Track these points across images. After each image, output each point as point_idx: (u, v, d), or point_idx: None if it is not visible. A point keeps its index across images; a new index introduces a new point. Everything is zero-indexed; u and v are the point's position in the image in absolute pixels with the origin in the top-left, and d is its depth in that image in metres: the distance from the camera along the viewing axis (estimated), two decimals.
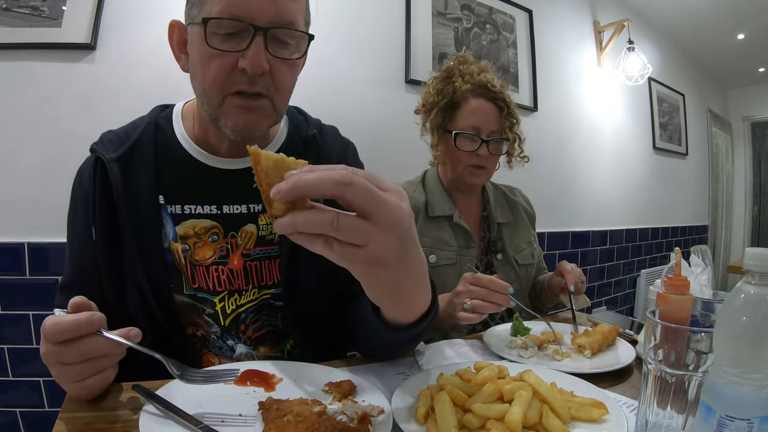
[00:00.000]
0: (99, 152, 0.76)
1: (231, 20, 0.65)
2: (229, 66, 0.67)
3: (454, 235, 1.27)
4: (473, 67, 1.26)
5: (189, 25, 0.72)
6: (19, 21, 1.39)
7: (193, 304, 0.79)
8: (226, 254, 0.80)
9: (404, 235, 0.46)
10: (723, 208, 5.03)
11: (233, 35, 0.67)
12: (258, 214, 0.81)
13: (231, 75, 0.68)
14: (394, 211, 0.44)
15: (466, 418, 0.55)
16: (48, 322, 0.52)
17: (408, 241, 0.47)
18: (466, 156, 1.23)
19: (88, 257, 0.76)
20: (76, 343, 0.52)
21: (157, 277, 0.76)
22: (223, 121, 0.71)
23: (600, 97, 3.18)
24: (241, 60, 0.67)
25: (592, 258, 3.14)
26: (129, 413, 0.57)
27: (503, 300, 0.90)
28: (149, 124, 0.81)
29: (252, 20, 0.65)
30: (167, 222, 0.78)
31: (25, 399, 1.41)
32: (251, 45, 0.66)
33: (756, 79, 4.79)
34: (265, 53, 0.67)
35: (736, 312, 0.42)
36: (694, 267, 0.99)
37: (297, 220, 0.42)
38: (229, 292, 0.80)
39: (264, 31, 0.66)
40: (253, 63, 0.66)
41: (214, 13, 0.65)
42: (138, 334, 0.57)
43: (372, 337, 0.71)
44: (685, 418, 0.47)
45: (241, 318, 0.81)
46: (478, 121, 1.22)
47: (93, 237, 0.75)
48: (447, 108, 1.26)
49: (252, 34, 0.66)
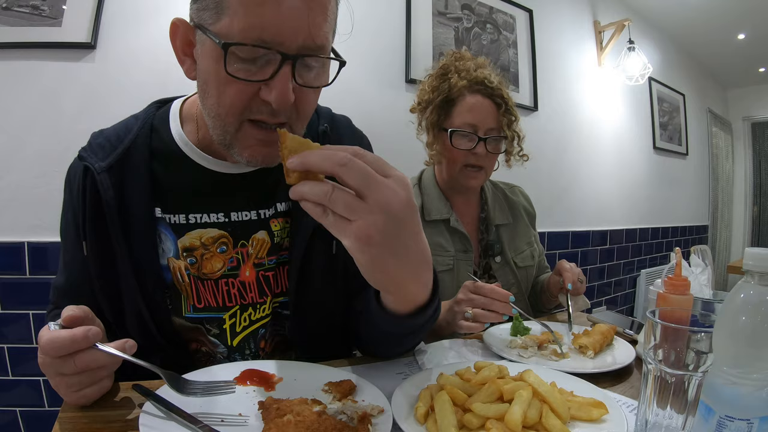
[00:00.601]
0: (87, 161, 0.70)
1: (256, 47, 0.57)
2: (250, 93, 0.60)
3: (451, 239, 1.23)
4: (470, 63, 1.22)
5: (197, 30, 0.62)
6: (19, 20, 1.39)
7: (194, 326, 0.75)
8: (236, 265, 0.74)
9: (395, 218, 0.48)
10: (723, 208, 5.03)
11: (257, 58, 0.58)
12: (269, 219, 0.76)
13: (251, 103, 0.61)
14: (386, 194, 0.47)
15: (466, 418, 0.55)
16: (43, 338, 0.52)
17: (400, 227, 0.49)
18: (463, 155, 1.19)
19: (81, 270, 0.72)
20: (72, 357, 0.52)
21: (153, 297, 0.71)
22: (237, 150, 0.65)
23: (600, 97, 3.18)
24: (264, 90, 0.59)
25: (592, 258, 3.14)
26: (129, 413, 0.57)
27: (505, 309, 0.89)
28: (143, 126, 0.74)
29: (280, 46, 0.57)
30: (167, 236, 0.72)
31: (25, 398, 1.41)
32: (277, 75, 0.58)
33: (756, 79, 4.79)
34: (292, 82, 0.59)
35: (736, 312, 0.42)
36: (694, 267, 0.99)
37: (302, 188, 0.48)
38: (241, 307, 0.75)
39: (293, 59, 0.58)
40: (279, 97, 0.59)
41: (235, 31, 0.56)
42: (133, 346, 0.57)
43: (372, 329, 0.70)
44: (685, 418, 0.47)
45: (261, 334, 0.78)
46: (475, 119, 1.18)
47: (84, 252, 0.70)
48: (443, 105, 1.22)
49: (279, 62, 0.58)
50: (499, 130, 1.21)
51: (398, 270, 0.52)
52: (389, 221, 0.47)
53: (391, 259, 0.50)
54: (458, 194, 1.29)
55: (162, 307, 0.72)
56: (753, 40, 3.88)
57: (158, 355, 0.71)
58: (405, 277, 0.54)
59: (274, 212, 0.77)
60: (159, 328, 0.72)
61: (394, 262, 0.51)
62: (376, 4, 2.08)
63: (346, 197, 0.47)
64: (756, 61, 4.38)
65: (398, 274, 0.53)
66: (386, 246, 0.48)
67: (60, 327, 0.53)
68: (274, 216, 0.77)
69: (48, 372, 0.54)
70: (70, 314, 0.55)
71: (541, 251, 1.43)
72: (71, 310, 0.55)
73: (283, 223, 0.78)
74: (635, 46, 3.04)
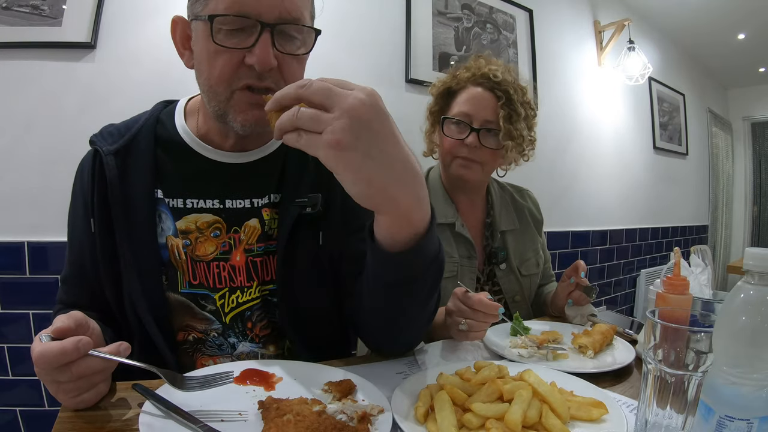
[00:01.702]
0: (97, 144, 0.76)
1: (238, 17, 0.65)
2: (236, 62, 0.67)
3: (455, 245, 1.18)
4: (482, 61, 1.21)
5: (193, 21, 0.71)
6: (19, 20, 1.39)
7: (188, 304, 0.78)
8: (228, 250, 0.79)
9: (360, 121, 0.49)
10: (723, 208, 5.03)
11: (239, 31, 0.66)
12: (261, 208, 0.80)
13: (238, 70, 0.68)
14: (349, 101, 0.49)
15: (466, 418, 0.55)
16: (35, 351, 0.52)
17: (369, 129, 0.50)
18: (454, 145, 1.16)
19: (87, 252, 0.76)
20: (68, 366, 0.52)
21: (148, 274, 0.74)
22: (231, 116, 0.71)
23: (600, 97, 3.18)
24: (248, 56, 0.67)
25: (592, 258, 3.14)
26: (129, 412, 0.57)
27: (492, 319, 0.84)
28: (150, 118, 0.81)
29: (259, 17, 0.65)
30: (167, 216, 0.77)
31: (25, 398, 1.40)
32: (258, 41, 0.66)
33: (756, 79, 4.79)
34: (273, 49, 0.67)
35: (735, 312, 0.42)
36: (694, 267, 0.99)
37: (279, 121, 0.52)
38: (230, 289, 0.79)
39: (271, 27, 0.66)
40: (261, 59, 0.66)
41: (220, 9, 0.65)
42: (127, 348, 0.57)
43: (371, 283, 0.68)
44: (685, 418, 0.47)
45: (247, 316, 0.80)
46: (471, 109, 1.15)
47: (92, 230, 0.74)
48: (445, 95, 1.22)
49: (259, 30, 0.66)
50: (496, 124, 1.15)
51: (381, 175, 0.51)
52: (355, 124, 0.49)
53: (368, 162, 0.50)
54: (462, 195, 1.26)
55: (156, 283, 0.75)
56: (753, 40, 3.87)
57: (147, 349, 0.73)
58: (391, 184, 0.53)
59: (266, 202, 0.81)
60: (151, 310, 0.73)
61: (373, 166, 0.50)
62: (376, 4, 2.07)
63: (311, 112, 0.50)
64: (756, 61, 4.38)
65: (382, 180, 0.52)
66: (359, 150, 0.49)
67: (50, 338, 0.53)
68: (265, 206, 0.81)
69: (44, 380, 0.54)
70: (60, 326, 0.55)
71: (547, 258, 1.39)
72: (61, 321, 0.55)
73: (272, 213, 0.81)
74: (635, 46, 3.03)
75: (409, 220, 0.57)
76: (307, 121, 0.50)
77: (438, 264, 0.64)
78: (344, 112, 0.49)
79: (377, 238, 0.60)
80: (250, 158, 0.81)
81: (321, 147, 0.50)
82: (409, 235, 0.58)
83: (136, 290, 0.73)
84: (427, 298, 0.69)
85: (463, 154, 1.15)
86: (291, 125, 0.51)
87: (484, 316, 0.83)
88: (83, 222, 0.76)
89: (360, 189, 0.52)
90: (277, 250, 0.79)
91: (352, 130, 0.49)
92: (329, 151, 0.49)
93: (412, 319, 0.73)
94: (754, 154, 5.22)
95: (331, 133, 0.48)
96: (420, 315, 0.73)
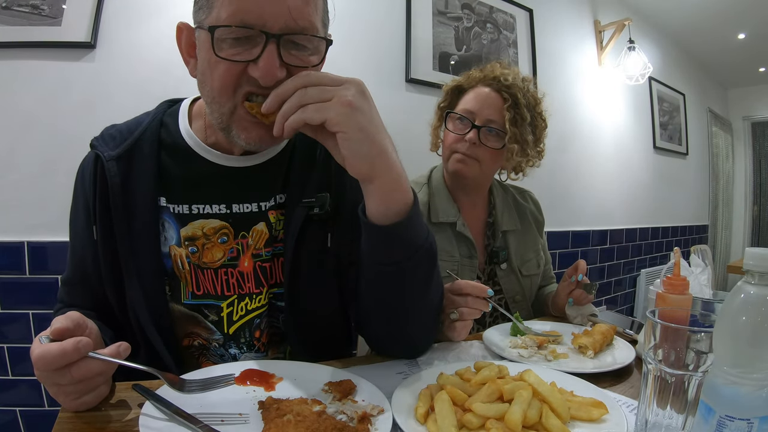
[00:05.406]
0: (98, 149, 0.74)
1: (241, 28, 0.61)
2: (239, 73, 0.64)
3: (456, 244, 1.19)
4: (498, 65, 1.23)
5: (197, 29, 0.67)
6: (18, 20, 1.39)
7: (191, 314, 0.76)
8: (236, 255, 0.76)
9: (364, 93, 0.60)
10: (723, 208, 5.02)
11: (244, 40, 0.62)
12: (268, 212, 0.78)
13: (242, 80, 0.64)
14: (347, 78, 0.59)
15: (466, 418, 0.55)
16: (34, 353, 0.51)
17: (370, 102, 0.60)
18: (455, 141, 1.17)
19: (89, 258, 0.74)
20: (68, 368, 0.52)
21: (151, 284, 0.73)
22: (235, 132, 0.68)
23: (600, 97, 3.18)
24: (252, 69, 0.62)
25: (592, 257, 3.14)
26: (129, 413, 0.57)
27: (482, 305, 0.85)
28: (153, 121, 0.78)
29: (263, 27, 0.61)
30: (170, 225, 0.75)
31: (25, 398, 1.41)
32: (263, 53, 0.61)
33: (756, 79, 4.78)
34: (279, 60, 0.62)
35: (735, 312, 0.42)
36: (694, 267, 0.99)
37: (283, 109, 0.59)
38: (238, 297, 0.77)
39: (277, 38, 0.61)
40: (266, 73, 0.61)
41: (222, 18, 0.61)
42: (127, 348, 0.56)
43: (367, 272, 0.68)
44: (685, 418, 0.47)
45: (255, 324, 0.78)
46: (475, 106, 1.16)
47: (94, 237, 0.73)
48: (454, 92, 1.24)
49: (264, 41, 0.61)
50: (501, 125, 1.16)
51: (379, 137, 0.60)
52: (360, 92, 0.59)
53: (371, 126, 0.59)
54: (464, 194, 1.26)
55: (160, 294, 0.74)
56: (753, 40, 3.87)
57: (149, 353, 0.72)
58: (387, 146, 0.61)
59: (273, 204, 0.79)
60: (153, 319, 0.72)
61: (374, 130, 0.59)
62: (376, 4, 2.07)
63: (319, 87, 0.58)
64: (756, 61, 4.38)
65: (380, 142, 0.60)
66: (365, 112, 0.58)
67: (50, 340, 0.53)
68: (271, 208, 0.79)
69: (45, 383, 0.54)
70: (58, 327, 0.54)
71: (548, 260, 1.39)
72: (59, 322, 0.54)
73: (278, 215, 0.79)
74: (635, 46, 3.03)
75: (401, 185, 0.63)
76: (316, 93, 0.57)
77: (429, 244, 0.67)
78: (350, 83, 0.58)
79: (370, 214, 0.64)
80: (256, 161, 0.78)
81: (332, 107, 0.56)
82: (400, 203, 0.63)
83: (138, 299, 0.71)
84: (424, 285, 0.70)
85: (461, 150, 1.17)
86: (298, 104, 0.57)
87: (474, 301, 0.84)
88: (85, 227, 0.75)
89: (365, 148, 0.58)
90: (285, 252, 0.77)
91: (361, 96, 0.58)
92: (342, 109, 0.56)
93: (412, 311, 0.73)
94: (754, 153, 5.22)
95: (343, 95, 0.57)
96: (420, 305, 0.73)
